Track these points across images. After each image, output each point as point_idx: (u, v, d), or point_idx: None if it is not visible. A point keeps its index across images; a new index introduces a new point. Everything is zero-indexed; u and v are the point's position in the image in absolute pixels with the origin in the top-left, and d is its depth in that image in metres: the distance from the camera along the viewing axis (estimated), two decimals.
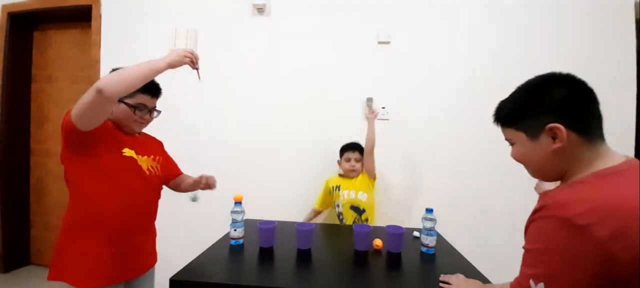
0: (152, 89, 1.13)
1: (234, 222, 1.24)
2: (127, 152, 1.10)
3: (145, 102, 1.12)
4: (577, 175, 0.64)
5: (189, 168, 1.43)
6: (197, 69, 1.11)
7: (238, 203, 1.27)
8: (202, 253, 1.17)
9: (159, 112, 1.20)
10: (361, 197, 1.78)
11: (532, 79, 0.71)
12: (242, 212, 1.27)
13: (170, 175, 1.33)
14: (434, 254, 1.23)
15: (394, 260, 1.17)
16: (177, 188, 1.37)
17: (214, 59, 2.15)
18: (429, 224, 1.25)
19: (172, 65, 1.02)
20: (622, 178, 0.59)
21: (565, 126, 0.63)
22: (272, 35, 2.10)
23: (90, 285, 1.01)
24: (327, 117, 2.07)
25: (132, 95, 1.07)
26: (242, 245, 1.24)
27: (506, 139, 0.75)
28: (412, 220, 1.79)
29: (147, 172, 1.16)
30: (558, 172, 0.68)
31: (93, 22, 2.25)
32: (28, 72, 2.58)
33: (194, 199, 1.31)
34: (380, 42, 2.03)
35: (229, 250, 1.20)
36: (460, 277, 0.98)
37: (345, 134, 2.02)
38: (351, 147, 1.86)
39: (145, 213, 1.18)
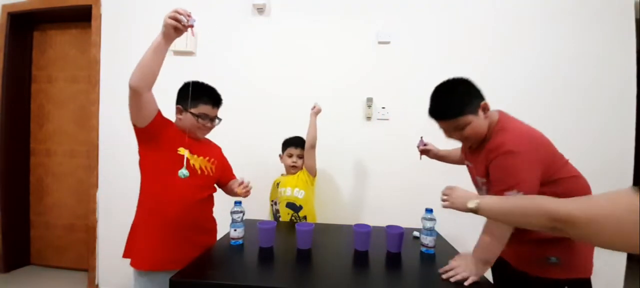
0: (213, 99, 1.27)
1: (234, 222, 1.25)
2: (182, 151, 1.20)
3: (206, 112, 1.25)
4: (492, 125, 1.10)
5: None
6: (191, 25, 1.03)
7: (238, 203, 1.27)
8: (202, 253, 1.17)
9: (220, 119, 1.32)
10: (297, 194, 1.71)
11: (451, 82, 1.13)
12: (242, 212, 1.27)
13: (223, 178, 1.45)
14: (433, 254, 1.23)
15: (393, 260, 1.17)
16: (229, 193, 1.48)
17: (213, 58, 2.15)
18: (428, 224, 1.25)
19: (166, 35, 1.04)
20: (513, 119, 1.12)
21: (484, 101, 1.09)
22: (272, 35, 2.10)
23: (142, 267, 1.17)
24: (326, 117, 2.06)
25: (195, 105, 1.23)
26: (242, 245, 1.24)
27: (456, 126, 1.09)
28: (412, 220, 1.79)
29: (199, 171, 1.25)
30: (487, 129, 1.10)
31: (93, 22, 2.25)
32: (28, 72, 2.58)
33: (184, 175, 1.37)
34: (380, 42, 2.03)
35: (229, 250, 1.20)
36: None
37: (345, 133, 2.03)
38: (294, 143, 1.80)
39: (195, 208, 1.24)
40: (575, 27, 1.91)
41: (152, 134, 1.16)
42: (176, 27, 1.02)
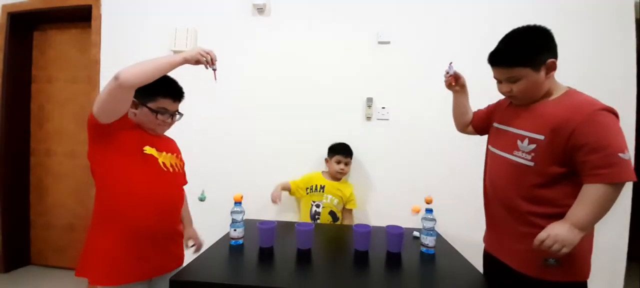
0: (173, 93, 1.15)
1: (234, 222, 1.24)
2: (148, 149, 1.11)
3: (166, 106, 1.14)
4: (558, 91, 1.02)
5: (187, 168, 1.43)
6: (214, 69, 1.11)
7: (238, 203, 1.27)
8: (202, 253, 1.17)
9: (181, 115, 1.21)
10: (338, 207, 1.86)
11: (523, 29, 0.99)
12: (242, 212, 1.27)
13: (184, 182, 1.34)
14: (433, 254, 1.23)
15: (393, 260, 1.17)
16: None
17: None
18: (428, 224, 1.25)
19: (188, 61, 1.04)
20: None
21: (555, 59, 0.97)
22: (272, 35, 2.10)
23: (107, 282, 1.03)
24: (327, 117, 2.07)
25: (154, 99, 1.11)
26: (242, 245, 1.24)
27: (509, 77, 1.01)
28: (412, 220, 1.79)
29: (172, 169, 1.17)
30: (544, 92, 1.01)
31: (93, 22, 2.25)
32: (28, 72, 2.58)
33: (202, 199, 1.34)
34: (380, 42, 2.03)
35: (229, 250, 1.20)
36: (553, 227, 0.90)
37: (345, 134, 2.02)
38: (344, 152, 1.91)
39: (167, 211, 1.15)
40: (574, 27, 1.91)
41: (112, 131, 1.04)
42: (200, 61, 1.07)
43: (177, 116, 1.20)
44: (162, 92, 1.11)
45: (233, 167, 2.12)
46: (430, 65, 2.00)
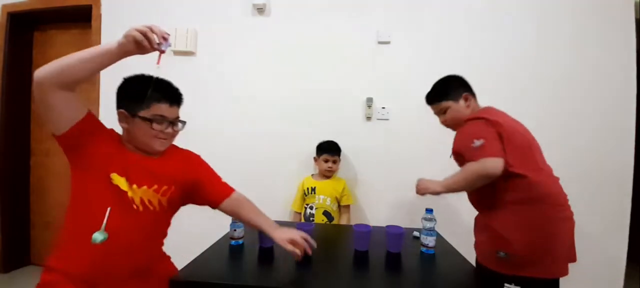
0: (168, 96, 0.95)
1: (234, 222, 1.24)
2: (116, 179, 0.89)
3: (162, 113, 0.94)
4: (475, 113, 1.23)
5: None
6: (161, 51, 0.84)
7: None
8: (202, 253, 1.17)
9: (184, 123, 1.01)
10: (332, 206, 1.87)
11: (447, 76, 1.35)
12: None
13: (201, 197, 1.11)
14: (433, 254, 1.23)
15: (393, 260, 1.17)
16: (234, 215, 1.13)
17: (214, 58, 2.15)
18: (429, 224, 1.25)
19: (123, 46, 0.84)
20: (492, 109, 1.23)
21: (469, 93, 1.28)
22: (272, 35, 2.10)
23: None
24: (327, 117, 2.07)
25: (146, 106, 0.92)
26: (242, 245, 1.24)
27: (440, 110, 1.32)
28: (411, 220, 1.79)
29: (141, 207, 0.93)
30: (467, 116, 1.23)
31: (93, 22, 2.25)
32: (28, 72, 2.58)
33: None
34: (380, 42, 2.03)
35: (229, 250, 1.20)
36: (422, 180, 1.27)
37: (345, 133, 2.03)
38: (330, 150, 1.90)
39: (127, 258, 0.91)
40: (574, 27, 1.91)
41: (73, 144, 0.87)
42: (141, 44, 0.81)
43: (179, 125, 1.00)
44: (154, 96, 0.92)
45: (232, 166, 2.11)
46: (430, 65, 2.00)
